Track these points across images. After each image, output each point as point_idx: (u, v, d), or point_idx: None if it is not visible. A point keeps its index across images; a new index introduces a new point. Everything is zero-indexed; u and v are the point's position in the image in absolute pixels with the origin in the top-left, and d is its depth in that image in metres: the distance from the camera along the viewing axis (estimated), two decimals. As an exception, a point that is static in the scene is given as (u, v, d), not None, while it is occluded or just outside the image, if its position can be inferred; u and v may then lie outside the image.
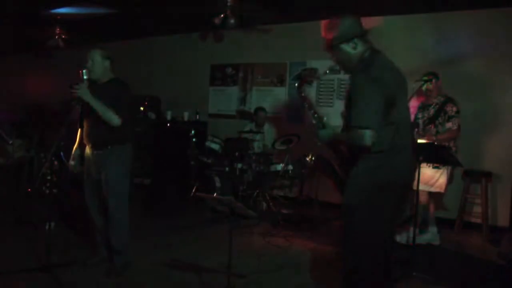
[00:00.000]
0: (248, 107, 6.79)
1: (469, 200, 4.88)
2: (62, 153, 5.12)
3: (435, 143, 3.95)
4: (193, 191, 5.65)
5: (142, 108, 6.80)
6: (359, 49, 2.28)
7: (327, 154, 2.57)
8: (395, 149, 2.21)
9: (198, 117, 6.92)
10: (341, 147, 2.43)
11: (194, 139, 5.69)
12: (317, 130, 2.45)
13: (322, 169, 2.54)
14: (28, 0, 5.49)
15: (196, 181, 5.76)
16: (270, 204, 5.33)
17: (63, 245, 3.69)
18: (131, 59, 7.15)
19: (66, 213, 4.66)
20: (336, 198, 2.88)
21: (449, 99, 4.19)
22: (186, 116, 6.93)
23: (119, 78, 3.28)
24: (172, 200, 5.83)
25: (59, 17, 6.15)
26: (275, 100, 6.50)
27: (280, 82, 6.51)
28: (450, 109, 4.13)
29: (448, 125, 4.11)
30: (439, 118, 4.17)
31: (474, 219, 4.90)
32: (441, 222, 4.44)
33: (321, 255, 3.94)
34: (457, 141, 4.21)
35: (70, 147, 3.50)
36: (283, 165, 5.27)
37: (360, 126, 2.12)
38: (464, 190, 4.85)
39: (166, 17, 6.28)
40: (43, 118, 7.42)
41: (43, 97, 8.54)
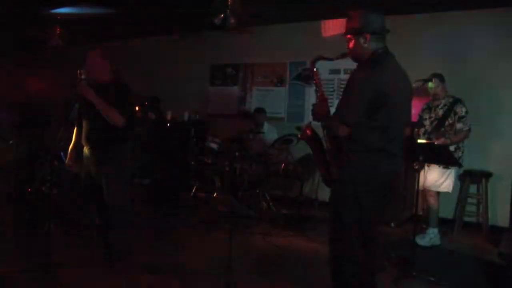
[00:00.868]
0: (248, 107, 6.79)
1: (469, 200, 4.88)
2: (62, 153, 5.12)
3: (447, 143, 3.98)
4: (193, 191, 5.64)
5: (137, 108, 6.77)
6: (372, 45, 2.36)
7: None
8: (383, 152, 2.31)
9: (198, 117, 6.92)
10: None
11: (194, 139, 5.68)
12: (315, 105, 2.57)
13: (310, 138, 2.69)
14: (28, 0, 5.49)
15: (196, 181, 5.75)
16: (270, 204, 5.32)
17: (63, 245, 3.69)
18: (131, 59, 7.15)
19: (66, 213, 4.66)
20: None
21: (458, 100, 4.19)
22: (186, 116, 6.93)
23: (119, 78, 3.29)
24: (171, 200, 5.83)
25: (59, 17, 6.15)
26: (275, 100, 6.50)
27: (280, 82, 6.51)
28: (460, 110, 4.13)
29: (459, 126, 4.12)
30: (448, 119, 4.16)
31: (474, 219, 4.90)
32: (441, 222, 4.44)
33: (321, 255, 3.91)
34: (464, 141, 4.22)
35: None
36: (283, 165, 5.27)
37: (341, 119, 2.33)
38: (464, 190, 4.86)
39: (166, 17, 6.28)
40: (43, 118, 7.41)
41: (43, 97, 8.54)
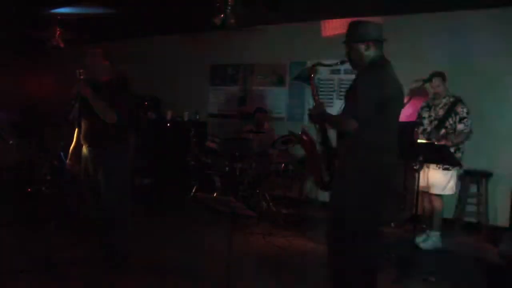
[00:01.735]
0: (248, 107, 6.78)
1: (469, 200, 4.88)
2: (62, 153, 5.12)
3: (449, 144, 3.93)
4: (193, 191, 5.64)
5: (139, 108, 6.78)
6: (371, 53, 2.51)
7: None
8: (382, 153, 2.42)
9: (198, 117, 6.92)
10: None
11: (194, 139, 5.68)
12: (313, 109, 2.73)
13: (306, 143, 2.83)
14: (28, 0, 5.49)
15: (196, 181, 5.75)
16: (270, 204, 5.32)
17: (63, 245, 3.69)
18: (131, 59, 7.14)
19: (66, 213, 4.66)
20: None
21: (459, 100, 4.09)
22: (186, 116, 6.92)
23: (119, 77, 3.27)
24: (172, 200, 5.83)
25: (59, 17, 6.15)
26: (275, 100, 6.50)
27: (280, 82, 6.51)
28: (461, 110, 4.04)
29: (460, 126, 4.02)
30: (449, 119, 4.07)
31: (474, 219, 4.90)
32: (441, 222, 4.44)
33: (321, 255, 3.91)
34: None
35: (70, 147, 3.51)
36: (283, 165, 5.27)
37: (351, 115, 2.39)
38: (464, 190, 4.85)
39: (166, 17, 6.28)
40: (43, 118, 7.41)
41: (43, 97, 8.54)
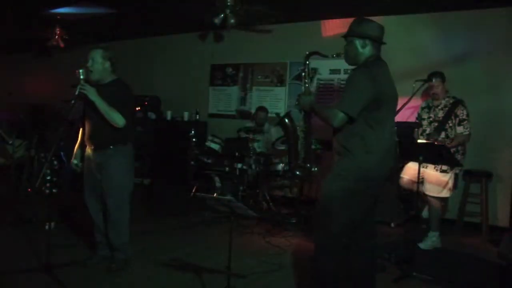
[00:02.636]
0: (248, 107, 6.79)
1: (469, 200, 4.88)
2: (62, 153, 5.12)
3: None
4: (193, 191, 5.64)
5: (138, 108, 6.78)
6: (368, 50, 2.51)
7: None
8: (375, 151, 2.41)
9: (198, 117, 6.92)
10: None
11: (194, 139, 5.68)
12: (302, 95, 2.70)
13: (287, 127, 2.83)
14: (28, 0, 5.49)
15: (196, 181, 5.75)
16: (270, 204, 5.32)
17: (63, 245, 3.69)
18: (131, 59, 7.14)
19: (66, 213, 4.66)
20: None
21: (459, 101, 4.04)
22: (186, 116, 6.93)
23: (120, 79, 3.27)
24: (172, 200, 5.83)
25: (59, 17, 6.15)
26: (275, 100, 6.50)
27: (280, 82, 6.51)
28: (461, 112, 3.98)
29: (459, 129, 3.97)
30: (449, 121, 4.02)
31: (474, 219, 4.90)
32: (442, 222, 4.43)
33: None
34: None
35: (70, 147, 3.50)
36: (283, 165, 5.27)
37: (338, 107, 2.38)
38: (464, 190, 4.85)
39: (166, 17, 6.28)
40: (43, 118, 7.41)
41: (43, 97, 8.54)
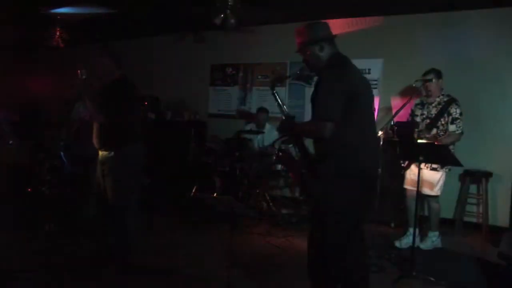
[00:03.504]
0: (248, 107, 6.78)
1: (469, 200, 4.88)
2: (62, 153, 5.12)
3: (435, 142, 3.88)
4: (193, 191, 5.64)
5: (141, 108, 6.78)
6: (327, 51, 2.47)
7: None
8: (362, 148, 2.36)
9: (198, 117, 6.91)
10: (302, 140, 2.60)
11: (194, 139, 5.68)
12: (281, 121, 2.65)
13: (285, 162, 2.76)
14: (28, 0, 5.49)
15: (196, 181, 5.75)
16: (270, 204, 5.32)
17: (63, 245, 3.69)
18: (131, 59, 7.12)
19: (66, 213, 4.66)
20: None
21: (453, 100, 4.04)
22: (186, 116, 6.92)
23: (125, 78, 3.24)
24: (171, 200, 5.83)
25: (59, 17, 6.15)
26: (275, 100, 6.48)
27: (280, 82, 6.49)
28: (454, 110, 3.98)
29: (451, 127, 3.97)
30: (441, 119, 4.03)
31: (474, 219, 4.90)
32: (441, 222, 4.44)
33: (321, 255, 3.92)
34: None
35: (70, 147, 3.51)
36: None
37: (322, 118, 2.28)
38: (464, 190, 4.85)
39: (166, 17, 6.27)
40: (43, 118, 7.40)
41: (43, 97, 8.53)
